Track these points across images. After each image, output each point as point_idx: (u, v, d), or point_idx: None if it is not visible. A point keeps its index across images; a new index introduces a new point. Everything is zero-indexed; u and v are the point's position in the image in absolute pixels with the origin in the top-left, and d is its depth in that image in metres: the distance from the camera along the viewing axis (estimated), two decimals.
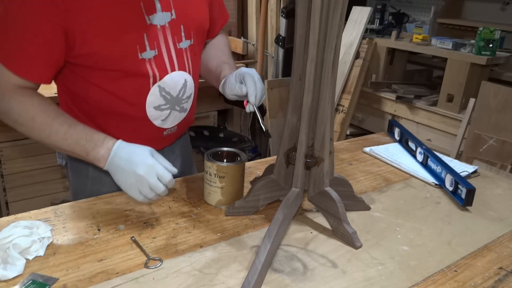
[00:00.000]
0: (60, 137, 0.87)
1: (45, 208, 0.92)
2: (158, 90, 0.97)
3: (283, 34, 2.67)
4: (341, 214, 0.86)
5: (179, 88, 1.00)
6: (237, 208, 0.93)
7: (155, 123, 1.01)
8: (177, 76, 0.99)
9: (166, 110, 1.01)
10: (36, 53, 0.84)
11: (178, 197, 1.00)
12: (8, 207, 2.17)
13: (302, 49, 0.83)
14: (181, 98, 1.02)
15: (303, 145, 0.86)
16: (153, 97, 0.97)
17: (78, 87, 0.96)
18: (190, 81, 1.03)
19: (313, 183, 0.91)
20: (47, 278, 0.70)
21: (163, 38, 0.94)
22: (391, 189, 1.11)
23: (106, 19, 0.85)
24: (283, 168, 0.92)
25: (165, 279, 0.72)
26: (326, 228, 0.90)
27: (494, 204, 1.06)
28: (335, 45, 0.82)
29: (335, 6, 0.78)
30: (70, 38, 0.84)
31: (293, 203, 0.86)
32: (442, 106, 2.26)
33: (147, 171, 0.83)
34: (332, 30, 0.80)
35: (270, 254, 0.75)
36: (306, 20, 0.80)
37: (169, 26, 0.94)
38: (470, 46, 2.19)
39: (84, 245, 0.80)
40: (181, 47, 0.98)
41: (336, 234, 0.87)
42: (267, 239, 0.76)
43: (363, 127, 2.69)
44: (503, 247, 0.88)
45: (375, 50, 2.59)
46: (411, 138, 1.32)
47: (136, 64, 0.92)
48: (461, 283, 0.76)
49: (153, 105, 0.98)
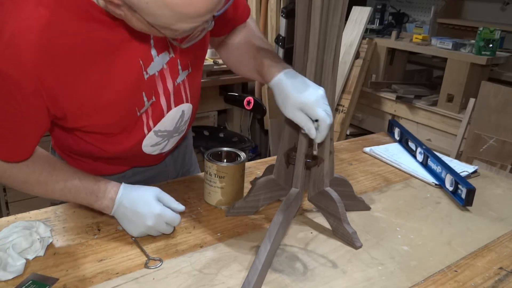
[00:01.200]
0: (59, 194, 0.82)
1: (45, 208, 0.92)
2: (154, 134, 0.91)
3: (283, 34, 2.67)
4: (341, 214, 0.86)
5: (176, 121, 0.93)
6: (237, 208, 0.93)
7: (154, 154, 0.97)
8: (173, 113, 0.91)
9: (163, 142, 0.95)
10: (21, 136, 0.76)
11: (178, 197, 0.99)
12: (8, 207, 2.16)
13: (302, 50, 0.83)
14: (178, 127, 0.96)
15: (303, 145, 0.86)
16: (149, 140, 0.91)
17: (69, 141, 0.91)
18: (188, 109, 0.95)
19: (313, 183, 0.91)
20: (47, 278, 0.70)
21: (162, 82, 0.86)
22: (391, 189, 1.11)
23: (102, 93, 0.77)
24: (283, 168, 0.92)
25: (165, 279, 0.72)
26: (326, 228, 0.90)
27: (494, 204, 1.06)
28: (335, 46, 0.82)
29: (335, 6, 0.78)
30: (61, 119, 0.78)
31: (293, 203, 0.86)
32: (442, 106, 2.26)
33: (156, 222, 0.80)
34: (332, 31, 0.80)
35: (270, 254, 0.75)
36: (306, 21, 0.80)
37: (168, 66, 0.85)
38: (470, 46, 2.19)
39: (84, 245, 0.80)
40: (178, 82, 0.89)
41: (336, 234, 0.87)
42: (267, 239, 0.76)
43: (363, 127, 2.69)
44: (503, 247, 0.88)
45: (375, 50, 2.59)
46: (411, 138, 1.32)
47: (133, 121, 0.86)
48: (461, 283, 0.76)
49: (149, 144, 0.93)
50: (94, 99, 0.77)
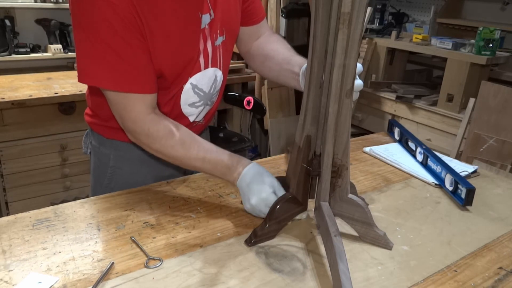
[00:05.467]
0: (199, 165, 0.92)
1: (45, 208, 0.92)
2: (191, 88, 0.98)
3: (283, 34, 2.67)
4: (370, 219, 0.84)
5: (211, 83, 1.02)
6: (260, 236, 0.84)
7: (190, 119, 1.04)
8: (210, 73, 1.00)
9: (200, 106, 1.04)
10: (142, 67, 0.86)
11: (178, 197, 1.00)
12: (8, 207, 2.16)
13: (322, 55, 0.78)
14: (212, 93, 1.05)
15: (330, 156, 0.82)
16: (186, 95, 0.99)
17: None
18: (220, 77, 1.05)
19: (336, 193, 0.86)
20: (47, 278, 0.70)
21: (203, 39, 0.96)
22: (391, 189, 1.11)
23: (172, 32, 0.88)
24: (302, 182, 0.88)
25: (165, 279, 0.72)
26: None
27: (494, 204, 1.06)
28: (356, 50, 0.77)
29: (359, 8, 0.73)
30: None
31: (330, 217, 0.82)
32: (442, 106, 2.26)
33: (258, 203, 0.87)
34: (355, 34, 0.75)
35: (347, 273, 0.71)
36: (326, 26, 0.76)
37: (209, 27, 0.96)
38: (470, 46, 2.19)
39: (84, 244, 0.80)
40: (216, 44, 0.99)
41: (365, 239, 0.86)
42: (341, 262, 0.71)
43: (363, 127, 2.69)
44: (503, 247, 0.88)
45: (375, 50, 2.59)
46: (411, 138, 1.32)
47: (186, 65, 0.95)
48: (461, 283, 0.76)
49: (187, 102, 1.00)
50: (164, 38, 0.87)
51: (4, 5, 2.94)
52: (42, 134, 2.15)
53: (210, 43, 0.97)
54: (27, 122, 2.09)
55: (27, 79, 2.35)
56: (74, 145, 2.24)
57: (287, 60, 1.03)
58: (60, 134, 2.19)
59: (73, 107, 2.18)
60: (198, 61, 0.97)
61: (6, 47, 2.97)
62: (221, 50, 1.01)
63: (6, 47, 2.97)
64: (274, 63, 1.06)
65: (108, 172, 1.10)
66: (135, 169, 1.09)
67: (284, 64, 1.03)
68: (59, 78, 2.40)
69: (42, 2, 3.06)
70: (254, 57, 1.14)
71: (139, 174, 1.09)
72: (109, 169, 1.09)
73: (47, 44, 3.16)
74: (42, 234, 0.83)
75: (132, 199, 0.97)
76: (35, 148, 2.14)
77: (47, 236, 0.82)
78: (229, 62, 1.09)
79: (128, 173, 1.09)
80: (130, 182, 1.06)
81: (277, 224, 0.86)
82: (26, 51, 3.06)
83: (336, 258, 0.71)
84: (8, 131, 2.05)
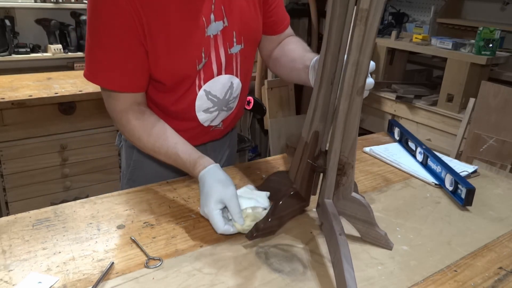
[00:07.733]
0: (163, 157, 0.95)
1: (45, 208, 0.92)
2: (205, 94, 1.02)
3: None
4: (373, 218, 0.84)
5: (226, 90, 1.05)
6: (262, 230, 0.83)
7: (205, 124, 1.08)
8: (224, 79, 1.03)
9: (214, 112, 1.06)
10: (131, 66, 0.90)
11: (178, 197, 1.00)
12: (8, 207, 2.16)
13: (337, 51, 0.78)
14: (228, 99, 1.07)
15: (337, 154, 0.82)
16: (200, 101, 1.02)
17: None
18: (237, 83, 1.07)
19: (340, 191, 0.86)
20: (47, 278, 0.70)
21: (214, 46, 0.98)
22: (391, 189, 1.11)
23: (174, 34, 0.90)
24: (306, 178, 0.87)
25: (165, 279, 0.72)
26: None
27: (494, 204, 1.06)
28: (371, 47, 0.76)
29: (377, 5, 0.72)
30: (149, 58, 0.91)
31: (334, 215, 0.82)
32: (442, 106, 2.26)
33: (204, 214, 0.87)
34: (371, 31, 0.75)
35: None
36: (342, 22, 0.76)
37: (221, 34, 0.98)
38: (470, 46, 2.19)
39: (84, 244, 0.80)
40: (231, 52, 1.02)
41: (366, 238, 0.86)
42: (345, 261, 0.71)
43: (363, 127, 2.69)
44: (503, 247, 0.88)
45: (375, 50, 2.59)
46: (411, 138, 1.32)
47: (190, 75, 0.98)
48: (461, 283, 0.76)
49: (201, 109, 1.04)
50: (165, 41, 0.90)
51: (4, 5, 2.94)
52: (42, 134, 2.15)
53: (223, 50, 1.00)
54: (27, 122, 2.09)
55: (27, 79, 2.35)
56: (74, 145, 2.24)
57: (301, 56, 1.04)
58: (60, 134, 2.20)
59: (73, 107, 2.18)
60: (211, 68, 0.99)
61: (6, 47, 2.96)
62: (238, 58, 1.04)
63: (6, 47, 2.96)
64: (289, 60, 1.07)
65: (131, 165, 1.15)
66: (154, 165, 1.12)
67: (298, 59, 1.04)
68: (59, 78, 2.41)
69: (42, 2, 3.05)
70: (273, 60, 1.15)
71: (158, 170, 1.12)
72: (132, 162, 1.14)
73: (47, 44, 3.16)
74: (42, 234, 0.83)
75: (132, 199, 0.97)
76: (35, 148, 2.14)
77: (47, 236, 0.82)
78: (250, 70, 1.13)
79: (148, 168, 1.13)
80: (149, 177, 1.10)
81: (280, 219, 0.86)
82: (26, 51, 3.05)
83: (341, 257, 0.71)
84: (8, 131, 2.06)
